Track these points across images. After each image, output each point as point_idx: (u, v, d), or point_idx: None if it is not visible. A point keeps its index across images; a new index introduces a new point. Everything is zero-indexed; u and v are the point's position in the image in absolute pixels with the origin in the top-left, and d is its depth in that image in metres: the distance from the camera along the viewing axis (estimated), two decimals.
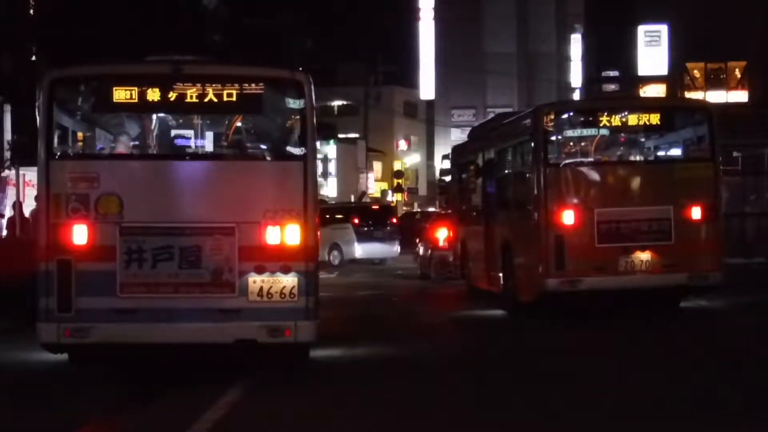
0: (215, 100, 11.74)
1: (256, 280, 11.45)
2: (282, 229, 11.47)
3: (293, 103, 11.81)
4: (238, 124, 12.52)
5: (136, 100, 11.71)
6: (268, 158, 12.21)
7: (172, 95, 11.75)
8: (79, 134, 12.57)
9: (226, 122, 12.56)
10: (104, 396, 11.27)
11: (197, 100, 11.77)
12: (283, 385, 11.69)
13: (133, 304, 11.39)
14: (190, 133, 12.73)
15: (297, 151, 11.78)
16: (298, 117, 11.80)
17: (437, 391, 11.28)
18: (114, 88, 11.72)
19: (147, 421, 10.09)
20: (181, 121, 12.67)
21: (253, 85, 11.92)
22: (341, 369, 13.01)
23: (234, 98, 11.77)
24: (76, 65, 12.81)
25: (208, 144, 12.81)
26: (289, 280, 11.45)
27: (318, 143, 15.06)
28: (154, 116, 12.43)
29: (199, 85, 11.72)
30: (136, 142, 12.66)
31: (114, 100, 11.79)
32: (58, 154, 11.72)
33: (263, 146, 12.58)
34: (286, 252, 11.46)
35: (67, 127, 12.17)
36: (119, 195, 11.47)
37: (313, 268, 11.68)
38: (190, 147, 12.64)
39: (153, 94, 11.72)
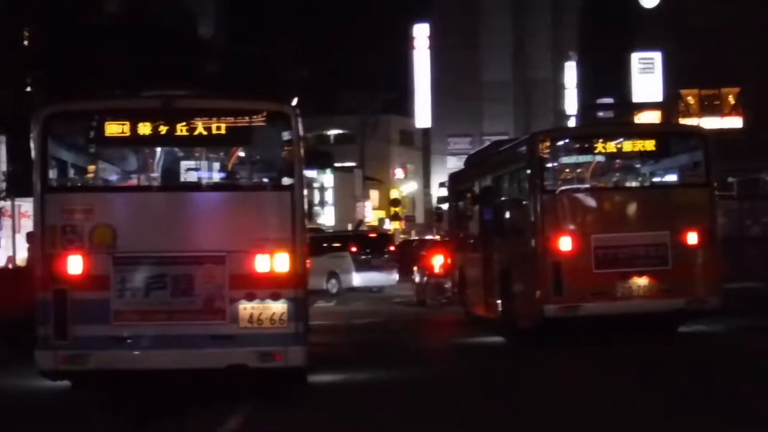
0: (205, 132, 12.04)
1: (246, 307, 11.70)
2: (271, 257, 11.75)
3: (281, 135, 12.13)
4: (228, 155, 12.81)
5: (128, 134, 12.03)
6: (257, 188, 12.47)
7: (163, 129, 12.04)
8: (73, 167, 12.82)
9: (216, 154, 12.85)
10: (105, 423, 11.38)
11: (188, 133, 12.05)
12: (283, 410, 11.86)
13: (127, 332, 11.68)
14: (181, 165, 12.97)
15: (285, 181, 12.10)
16: (286, 148, 12.12)
17: (433, 416, 11.35)
18: (106, 123, 12.06)
19: None
20: (172, 153, 12.89)
21: (241, 118, 12.18)
22: (339, 394, 13.15)
23: (223, 131, 12.08)
24: (70, 101, 13.37)
25: (198, 175, 13.02)
26: (278, 307, 11.71)
27: (315, 172, 15.47)
28: (146, 149, 12.69)
29: (189, 118, 12.01)
30: (129, 175, 13.03)
31: (107, 134, 12.11)
32: (53, 186, 12.01)
33: (252, 177, 12.81)
34: (276, 279, 11.73)
35: (62, 160, 12.44)
36: (113, 226, 11.78)
37: (302, 294, 11.97)
38: (181, 178, 12.85)
39: (144, 128, 12.03)
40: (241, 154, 12.91)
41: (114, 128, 12.05)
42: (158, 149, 12.72)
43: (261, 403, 12.11)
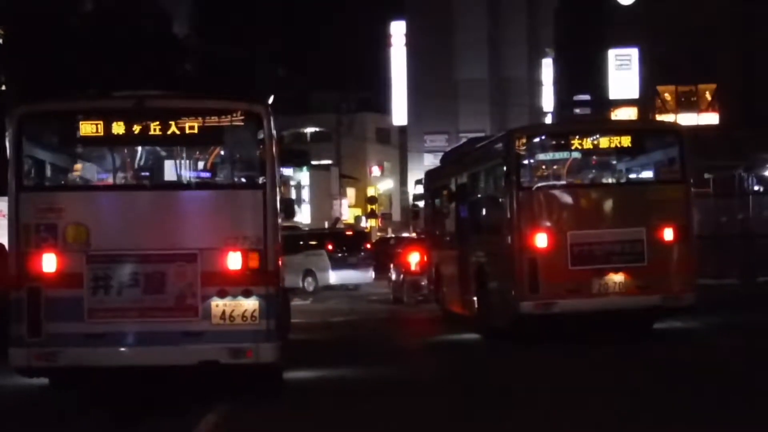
0: (177, 132, 12.17)
1: (218, 304, 11.83)
2: (243, 254, 11.88)
3: (252, 134, 12.27)
4: (200, 154, 13.04)
5: (101, 134, 12.16)
6: (229, 187, 12.64)
7: (136, 128, 12.16)
8: (48, 166, 12.93)
9: (188, 153, 13.01)
10: (85, 422, 11.45)
11: (160, 133, 12.18)
12: (260, 408, 11.93)
13: (100, 329, 11.78)
14: (153, 164, 13.11)
15: (257, 179, 12.21)
16: (258, 147, 12.24)
17: (410, 413, 11.45)
18: (80, 123, 12.18)
19: None
20: (144, 152, 13.00)
21: (213, 118, 12.32)
22: (315, 391, 13.23)
23: (195, 130, 12.21)
24: (44, 101, 13.51)
25: (170, 174, 13.15)
26: (250, 304, 11.84)
27: (291, 170, 15.70)
28: (119, 149, 12.80)
29: (161, 118, 12.15)
30: (102, 174, 13.20)
31: (80, 134, 12.26)
32: (27, 185, 12.13)
33: (224, 175, 12.98)
34: (247, 276, 11.86)
35: (36, 159, 12.57)
36: (86, 224, 11.91)
37: (274, 291, 12.05)
38: (153, 177, 12.99)
39: (117, 128, 12.15)
40: (213, 153, 13.08)
41: (87, 128, 12.16)
42: (131, 149, 12.83)
43: (237, 401, 12.10)
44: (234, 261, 11.88)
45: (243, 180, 12.62)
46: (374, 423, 10.97)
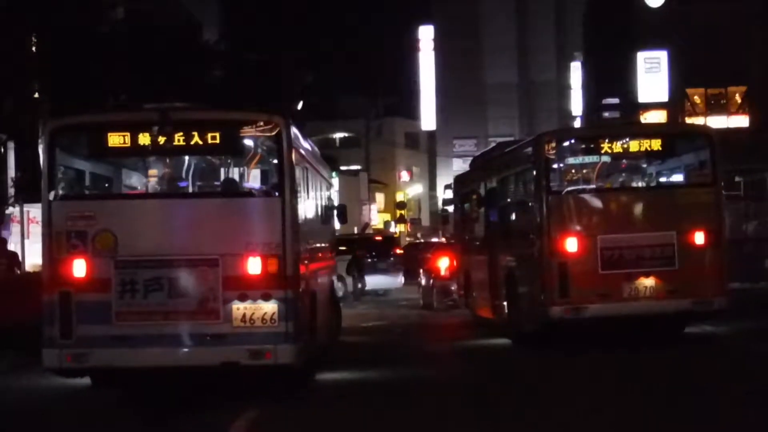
0: (200, 142, 12.74)
1: (239, 307, 12.33)
2: (263, 260, 12.38)
3: (271, 144, 12.77)
4: (222, 164, 13.77)
5: (128, 145, 12.79)
6: (249, 195, 13.15)
7: (161, 139, 12.71)
8: (78, 176, 13.60)
9: (210, 163, 13.74)
10: (120, 421, 12.02)
11: (184, 143, 12.75)
12: (292, 406, 12.45)
13: (127, 331, 12.36)
14: (177, 173, 13.69)
15: (276, 188, 12.68)
16: (277, 156, 12.70)
17: (437, 414, 11.70)
18: (108, 134, 12.80)
19: None
20: (169, 162, 13.63)
21: (234, 128, 12.94)
22: (346, 394, 13.63)
23: (217, 140, 12.81)
24: (75, 115, 14.19)
25: (194, 183, 13.77)
26: (269, 307, 12.32)
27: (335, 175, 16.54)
28: (145, 159, 13.66)
29: (184, 129, 12.69)
30: (129, 183, 14.17)
31: (109, 145, 12.85)
32: (59, 195, 12.76)
33: (245, 184, 13.61)
34: (267, 281, 12.36)
35: (68, 169, 13.24)
36: (114, 231, 12.49)
37: (293, 295, 12.49)
38: (177, 186, 13.54)
39: (143, 139, 12.76)
40: (235, 162, 13.78)
41: (115, 139, 12.77)
42: (156, 159, 13.57)
43: (267, 402, 12.57)
44: (254, 266, 12.36)
45: (263, 188, 13.15)
46: (402, 426, 11.16)
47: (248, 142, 13.10)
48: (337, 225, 19.54)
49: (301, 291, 12.93)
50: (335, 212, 18.71)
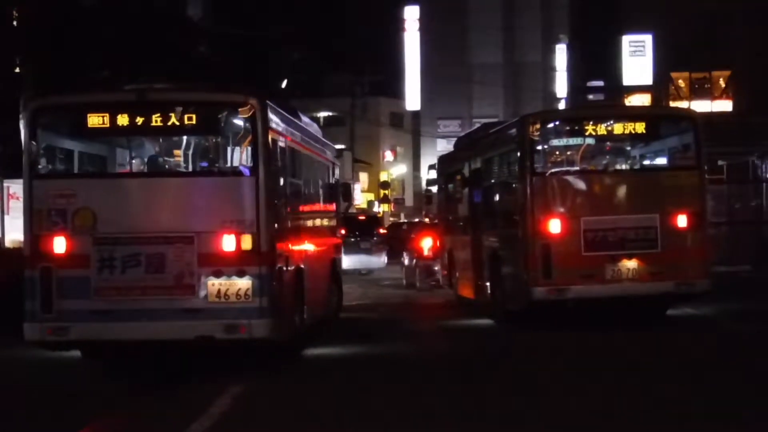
0: (177, 122, 13.08)
1: (214, 283, 12.66)
2: (236, 237, 12.68)
3: (247, 124, 13.00)
4: (199, 143, 13.91)
5: (107, 125, 13.10)
6: (225, 174, 13.39)
7: (139, 119, 13.07)
8: (58, 155, 13.88)
9: (187, 142, 13.91)
10: (103, 395, 12.17)
11: (161, 123, 13.12)
12: (277, 381, 12.80)
13: (106, 306, 12.73)
14: (155, 152, 14.04)
15: (251, 167, 12.91)
16: (252, 136, 12.95)
17: (421, 388, 11.99)
18: (88, 114, 13.14)
19: (154, 413, 11.03)
20: (147, 142, 14.02)
21: (211, 109, 13.35)
22: (331, 368, 13.99)
23: (194, 121, 13.12)
24: (55, 95, 14.76)
25: (171, 162, 14.07)
26: (244, 283, 12.64)
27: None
28: (124, 138, 14.06)
29: (161, 109, 13.06)
30: (108, 161, 14.50)
31: (88, 125, 13.18)
32: (40, 173, 13.16)
33: (220, 163, 13.78)
34: (241, 257, 12.67)
35: (48, 148, 13.52)
36: (93, 209, 12.83)
37: (268, 271, 12.78)
38: (156, 165, 13.85)
39: (122, 119, 13.08)
40: (211, 142, 13.96)
41: (94, 119, 13.08)
42: (134, 138, 13.94)
43: (253, 377, 12.88)
44: (228, 243, 12.66)
45: (238, 168, 13.25)
46: (385, 396, 11.49)
47: (224, 123, 13.38)
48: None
49: (279, 268, 13.22)
50: (338, 191, 18.89)
